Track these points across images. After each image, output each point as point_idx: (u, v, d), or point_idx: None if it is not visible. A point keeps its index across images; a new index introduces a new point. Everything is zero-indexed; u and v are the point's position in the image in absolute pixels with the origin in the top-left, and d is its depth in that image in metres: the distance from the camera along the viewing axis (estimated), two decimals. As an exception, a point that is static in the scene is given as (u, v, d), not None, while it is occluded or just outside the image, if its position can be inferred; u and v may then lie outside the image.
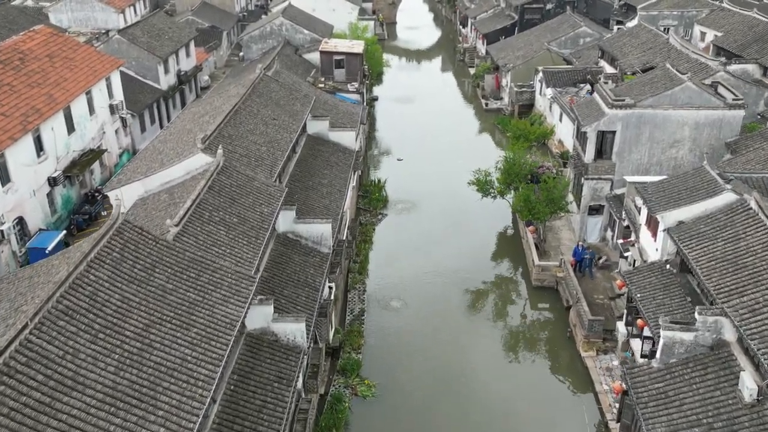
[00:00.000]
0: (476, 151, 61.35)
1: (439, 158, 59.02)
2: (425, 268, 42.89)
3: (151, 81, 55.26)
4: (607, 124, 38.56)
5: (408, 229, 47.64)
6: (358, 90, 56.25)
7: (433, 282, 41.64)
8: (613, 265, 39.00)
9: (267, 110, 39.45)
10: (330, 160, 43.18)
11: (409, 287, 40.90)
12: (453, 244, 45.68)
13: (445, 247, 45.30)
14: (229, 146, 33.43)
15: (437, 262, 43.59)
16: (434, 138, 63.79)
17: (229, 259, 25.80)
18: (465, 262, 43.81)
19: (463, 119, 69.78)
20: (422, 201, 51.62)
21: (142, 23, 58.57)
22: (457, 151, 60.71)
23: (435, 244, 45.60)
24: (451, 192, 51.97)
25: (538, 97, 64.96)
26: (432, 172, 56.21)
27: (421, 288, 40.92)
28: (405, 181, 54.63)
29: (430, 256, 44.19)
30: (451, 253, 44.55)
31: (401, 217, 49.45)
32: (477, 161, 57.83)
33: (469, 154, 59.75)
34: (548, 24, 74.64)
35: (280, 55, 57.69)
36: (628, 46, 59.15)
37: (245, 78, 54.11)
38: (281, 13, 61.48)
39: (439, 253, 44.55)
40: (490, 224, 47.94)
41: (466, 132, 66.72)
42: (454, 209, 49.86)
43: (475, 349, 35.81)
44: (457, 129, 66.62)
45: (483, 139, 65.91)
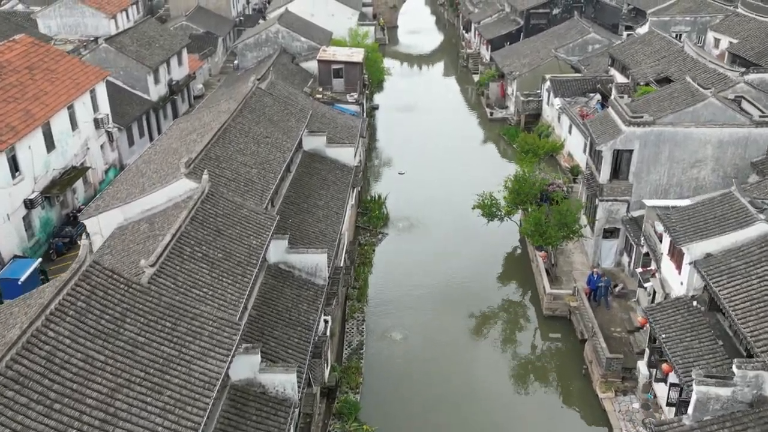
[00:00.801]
0: (481, 162, 58.81)
1: (442, 171, 56.41)
2: (428, 294, 40.29)
3: (140, 92, 52.71)
4: (623, 142, 35.93)
5: (409, 250, 44.99)
6: (357, 101, 53.65)
7: (436, 308, 39.05)
8: (630, 293, 36.37)
9: (259, 127, 36.84)
10: (327, 178, 40.55)
11: (411, 315, 38.29)
12: (457, 266, 43.08)
13: (449, 269, 42.70)
14: (216, 169, 30.82)
15: (441, 286, 41.01)
16: (437, 149, 61.17)
17: (212, 303, 23.17)
18: (470, 287, 41.24)
19: (466, 129, 67.15)
20: (425, 218, 48.98)
21: (132, 31, 56.02)
22: (461, 162, 58.12)
23: (438, 266, 42.99)
24: (455, 208, 49.33)
25: (546, 106, 62.33)
26: (435, 185, 53.62)
27: (424, 315, 38.31)
28: (406, 196, 52.03)
29: (433, 279, 41.59)
30: (456, 277, 41.99)
31: (402, 237, 46.81)
32: (482, 174, 55.65)
33: (473, 166, 57.29)
34: (555, 30, 71.97)
35: (275, 64, 55.09)
36: (641, 54, 56.46)
37: (238, 89, 51.60)
38: (277, 20, 58.88)
39: (443, 276, 41.96)
40: (497, 243, 45.29)
41: (471, 142, 64.09)
42: (458, 227, 47.23)
43: (483, 387, 33.17)
44: (461, 139, 63.99)
45: (488, 149, 63.28)
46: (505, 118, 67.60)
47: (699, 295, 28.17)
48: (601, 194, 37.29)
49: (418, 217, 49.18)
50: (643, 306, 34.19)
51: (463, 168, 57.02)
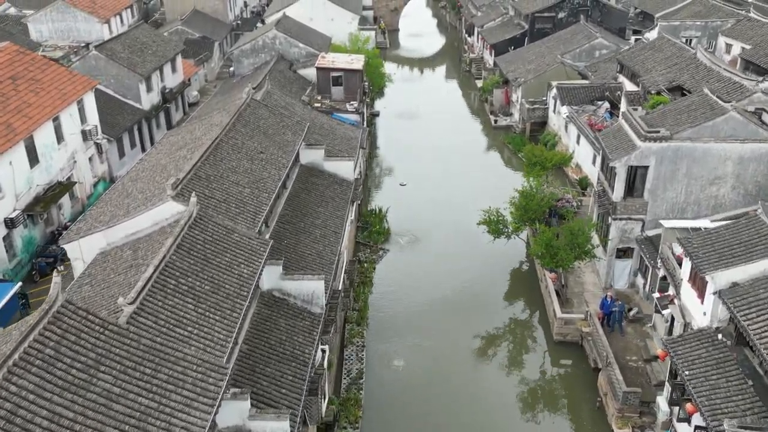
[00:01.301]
0: (485, 172, 56.84)
1: (445, 181, 54.44)
2: (431, 314, 38.32)
3: (132, 100, 50.72)
4: (639, 158, 33.93)
5: (411, 267, 42.98)
6: (357, 110, 51.65)
7: (439, 330, 37.09)
8: (645, 317, 34.37)
9: (253, 142, 34.86)
10: (325, 194, 38.58)
11: (413, 338, 36.33)
12: (461, 284, 41.15)
13: (453, 288, 40.75)
14: (205, 190, 28.85)
15: (444, 306, 39.05)
16: (439, 158, 59.19)
17: (197, 344, 21.18)
18: (475, 306, 39.32)
19: (470, 137, 65.14)
20: (427, 232, 46.98)
21: (123, 37, 54.03)
22: (464, 173, 56.17)
23: (441, 285, 41.01)
24: (459, 221, 47.48)
25: (552, 114, 60.34)
26: (437, 197, 51.66)
27: (427, 338, 36.35)
28: (408, 209, 50.06)
29: (436, 299, 39.64)
30: (460, 296, 40.06)
31: (404, 253, 44.78)
32: (486, 184, 53.81)
33: (477, 176, 55.38)
34: (561, 35, 69.97)
35: (272, 71, 53.13)
36: (651, 61, 54.46)
37: (232, 100, 49.67)
38: (274, 25, 56.88)
39: (446, 295, 40.01)
40: (503, 259, 43.32)
41: (474, 151, 62.09)
42: (462, 241, 45.30)
43: (490, 418, 31.21)
44: (464, 148, 62.01)
45: (492, 158, 61.28)
46: (509, 126, 65.62)
47: (724, 328, 26.18)
48: (614, 212, 35.29)
49: (420, 231, 47.19)
50: (660, 334, 32.26)
51: (467, 178, 55.07)
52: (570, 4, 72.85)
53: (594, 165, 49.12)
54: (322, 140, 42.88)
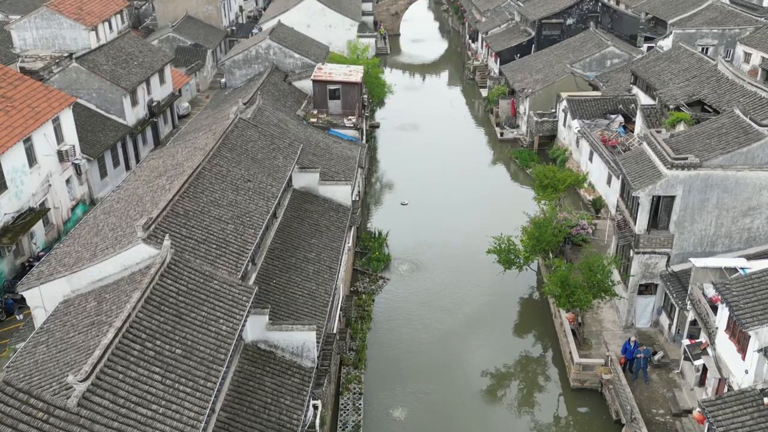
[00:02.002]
0: (492, 189, 53.71)
1: (449, 200, 51.30)
2: (435, 353, 35.17)
3: (116, 116, 47.60)
4: (664, 188, 30.73)
5: (414, 299, 39.79)
6: (356, 125, 48.50)
7: (444, 372, 33.93)
8: (672, 363, 31.17)
9: (239, 169, 31.68)
10: (319, 223, 35.42)
11: (416, 381, 33.14)
12: (467, 316, 38.15)
13: (459, 321, 37.72)
14: (182, 229, 25.68)
15: (449, 342, 35.95)
16: (443, 174, 56.07)
17: (161, 425, 18.02)
18: (483, 342, 36.22)
19: (475, 150, 61.94)
20: (430, 258, 43.79)
21: (107, 47, 50.85)
22: (469, 190, 53.03)
23: (446, 317, 37.95)
24: (464, 245, 44.48)
25: (562, 128, 57.15)
26: (441, 218, 48.54)
27: (431, 381, 33.17)
28: (410, 231, 46.91)
29: (441, 334, 36.57)
30: (466, 330, 37.01)
31: (406, 283, 41.56)
32: (492, 201, 50.72)
33: (483, 194, 52.33)
34: (570, 42, 66.79)
35: (265, 84, 49.95)
36: (667, 73, 51.30)
37: (223, 112, 46.60)
38: (268, 34, 53.69)
39: (452, 329, 36.97)
40: (512, 287, 40.12)
41: (479, 166, 58.91)
42: (467, 268, 42.22)
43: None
44: (469, 162, 58.85)
45: (499, 174, 58.06)
46: (516, 139, 62.44)
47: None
48: (636, 246, 32.10)
49: (423, 256, 44.01)
50: (689, 383, 29.13)
51: (472, 196, 51.93)
52: (579, 10, 69.64)
53: (609, 185, 45.99)
54: (317, 161, 39.78)
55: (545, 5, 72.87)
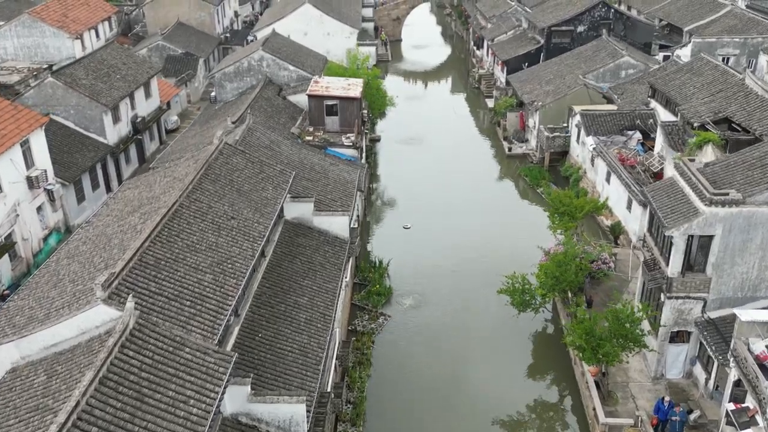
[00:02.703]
0: (501, 210, 50.21)
1: (454, 221, 47.82)
2: (442, 402, 31.69)
3: (95, 134, 44.16)
4: (702, 226, 27.21)
5: (418, 338, 36.25)
6: (355, 144, 44.98)
7: (451, 425, 30.45)
8: (711, 424, 27.62)
9: (222, 203, 28.17)
10: (313, 260, 31.92)
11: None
12: (477, 357, 34.64)
13: (467, 365, 34.24)
14: (151, 283, 22.18)
15: (457, 389, 32.44)
16: (448, 193, 52.55)
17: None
18: (494, 387, 32.77)
19: (481, 166, 58.38)
20: (436, 290, 40.27)
21: (87, 60, 47.36)
22: (476, 210, 49.58)
23: (453, 361, 34.46)
24: (472, 274, 41.17)
25: (575, 144, 53.60)
26: (447, 243, 45.03)
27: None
28: (413, 259, 43.39)
29: (447, 379, 33.03)
30: (475, 373, 33.52)
31: (408, 319, 38.01)
32: (502, 223, 47.31)
33: (492, 215, 48.98)
34: (581, 51, 63.25)
35: (258, 99, 46.45)
36: (689, 86, 47.72)
37: (212, 130, 43.12)
38: (261, 45, 50.16)
39: (459, 374, 33.46)
40: (525, 323, 36.43)
41: (487, 184, 55.37)
42: (476, 300, 38.77)
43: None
44: (476, 180, 55.31)
45: (507, 193, 54.41)
46: (525, 154, 58.91)
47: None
48: (669, 290, 28.57)
49: (427, 288, 40.47)
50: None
51: (480, 218, 48.44)
52: (590, 17, 66.12)
53: (629, 210, 42.46)
54: (312, 187, 36.32)
55: (554, 12, 69.36)
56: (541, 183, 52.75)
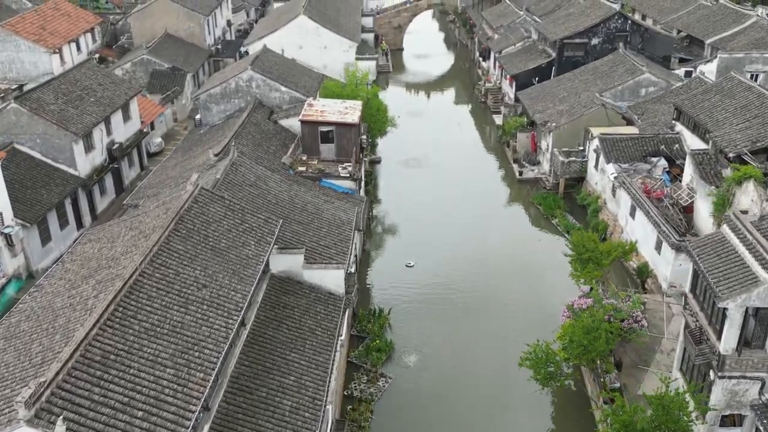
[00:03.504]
0: (512, 244, 45.78)
1: (461, 257, 43.65)
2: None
3: (65, 165, 39.86)
4: (764, 297, 22.86)
5: (422, 407, 31.81)
6: (352, 175, 40.67)
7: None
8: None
9: (193, 268, 23.81)
10: (302, 324, 27.61)
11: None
12: (492, 427, 30.25)
13: None
14: (96, 388, 17.85)
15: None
16: (454, 223, 48.27)
17: None
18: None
19: (490, 192, 53.96)
20: (443, 343, 35.93)
21: (58, 81, 42.98)
22: (486, 244, 45.46)
23: (466, 428, 30.13)
24: (484, 323, 36.75)
25: (593, 170, 49.20)
26: (454, 284, 40.94)
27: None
28: (417, 304, 39.15)
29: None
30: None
31: (413, 382, 33.45)
32: (516, 258, 43.04)
33: (502, 250, 44.75)
34: (597, 66, 58.88)
35: (246, 124, 42.12)
36: (720, 110, 43.44)
37: (194, 161, 38.90)
38: (250, 64, 45.76)
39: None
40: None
41: (496, 212, 51.01)
42: (490, 354, 34.51)
43: None
44: (484, 208, 50.96)
45: (519, 223, 49.86)
46: (537, 179, 54.51)
47: None
48: (721, 368, 24.24)
49: (434, 340, 36.13)
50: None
51: (489, 251, 44.33)
52: (605, 28, 61.71)
53: (658, 252, 38.08)
54: (303, 232, 32.03)
55: (566, 23, 64.98)
56: (556, 213, 48.42)
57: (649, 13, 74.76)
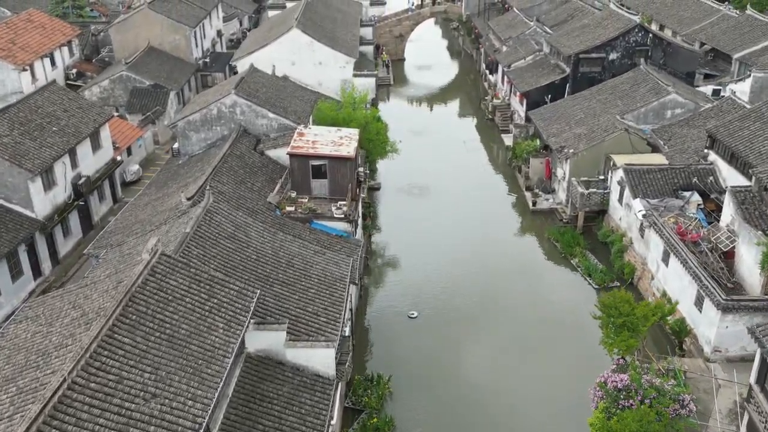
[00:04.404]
0: (529, 288, 40.97)
1: (470, 306, 38.86)
2: None
3: (19, 206, 35.03)
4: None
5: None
6: (348, 216, 35.77)
7: None
8: None
9: (141, 370, 18.86)
10: (283, 422, 22.68)
11: None
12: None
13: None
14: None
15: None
16: (461, 259, 43.60)
17: None
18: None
19: (501, 224, 48.99)
20: (453, 420, 30.99)
21: (16, 108, 38.05)
22: (499, 290, 40.66)
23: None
24: (501, 388, 31.93)
25: (616, 203, 44.26)
26: (463, 342, 36.00)
27: None
28: (422, 366, 34.26)
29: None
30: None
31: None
32: (534, 305, 38.03)
33: (517, 297, 39.94)
34: (616, 84, 53.98)
35: (227, 157, 37.23)
36: (762, 140, 38.63)
37: (167, 201, 34.13)
38: (234, 87, 40.80)
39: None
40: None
41: (507, 248, 46.03)
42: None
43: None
44: (495, 244, 46.09)
45: (535, 263, 44.66)
46: (552, 210, 49.58)
47: None
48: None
49: (442, 415, 31.15)
50: None
51: (504, 301, 39.49)
52: (624, 42, 56.74)
53: (699, 309, 33.13)
54: (288, 294, 27.30)
55: (581, 36, 60.02)
56: (576, 251, 43.50)
57: (668, 23, 69.77)
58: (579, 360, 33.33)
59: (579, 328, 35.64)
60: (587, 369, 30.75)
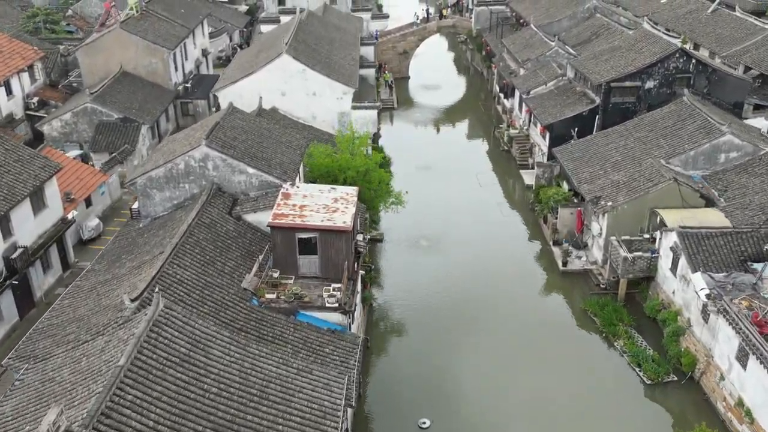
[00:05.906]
0: (564, 377, 33.61)
1: (494, 406, 31.54)
2: None
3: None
4: None
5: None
6: (342, 303, 28.45)
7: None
8: None
9: None
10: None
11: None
12: None
13: None
14: None
15: None
16: (479, 344, 36.30)
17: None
18: None
19: (526, 290, 41.59)
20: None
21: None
22: (528, 381, 33.34)
23: None
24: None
25: (667, 271, 36.86)
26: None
27: None
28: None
29: None
30: None
31: None
32: (569, 398, 30.73)
33: (552, 395, 32.25)
34: (656, 119, 46.64)
35: (193, 229, 29.87)
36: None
37: (122, 277, 26.97)
38: (205, 137, 33.29)
39: None
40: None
41: (535, 321, 38.59)
42: None
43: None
44: (519, 313, 38.96)
45: (567, 338, 37.35)
46: (586, 271, 42.21)
47: None
48: None
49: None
50: None
51: (534, 392, 32.30)
52: (663, 69, 49.38)
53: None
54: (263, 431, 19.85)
55: (611, 60, 52.60)
56: (619, 330, 36.14)
57: (704, 42, 62.32)
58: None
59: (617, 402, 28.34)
60: None
